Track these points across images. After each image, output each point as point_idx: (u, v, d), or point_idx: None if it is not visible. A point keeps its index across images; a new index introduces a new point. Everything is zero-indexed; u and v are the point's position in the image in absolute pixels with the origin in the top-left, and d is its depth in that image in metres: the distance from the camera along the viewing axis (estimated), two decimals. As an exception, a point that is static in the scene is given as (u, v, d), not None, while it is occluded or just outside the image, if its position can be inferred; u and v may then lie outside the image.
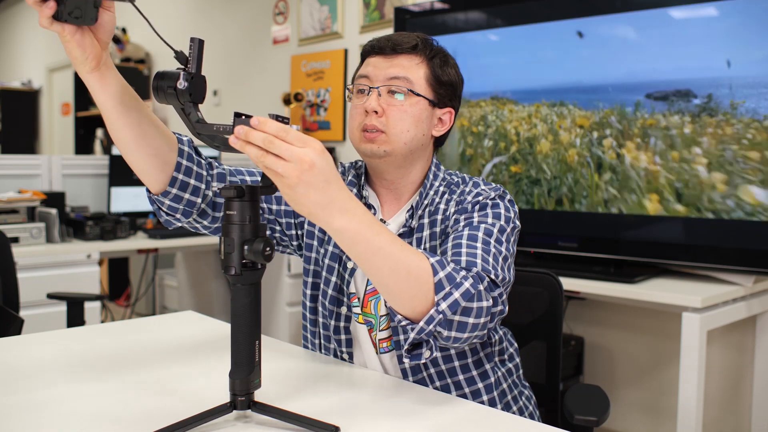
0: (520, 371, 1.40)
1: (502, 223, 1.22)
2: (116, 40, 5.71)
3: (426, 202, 1.30)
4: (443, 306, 1.03)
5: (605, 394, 1.33)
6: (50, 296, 2.36)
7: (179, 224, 1.27)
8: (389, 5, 3.60)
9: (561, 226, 2.57)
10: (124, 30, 5.79)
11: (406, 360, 1.10)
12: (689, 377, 2.07)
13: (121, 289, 5.30)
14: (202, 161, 1.24)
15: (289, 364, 1.31)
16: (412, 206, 1.30)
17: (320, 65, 4.07)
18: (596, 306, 2.89)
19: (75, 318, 2.28)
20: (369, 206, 1.33)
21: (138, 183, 3.50)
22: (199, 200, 1.23)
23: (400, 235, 1.28)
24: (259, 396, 1.01)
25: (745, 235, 2.17)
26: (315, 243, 1.35)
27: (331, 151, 3.85)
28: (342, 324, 1.31)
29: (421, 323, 1.03)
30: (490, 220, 1.21)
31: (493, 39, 2.78)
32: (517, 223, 1.26)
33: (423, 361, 1.10)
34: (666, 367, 2.72)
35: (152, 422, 0.97)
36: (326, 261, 1.32)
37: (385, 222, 1.32)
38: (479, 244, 1.15)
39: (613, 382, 2.87)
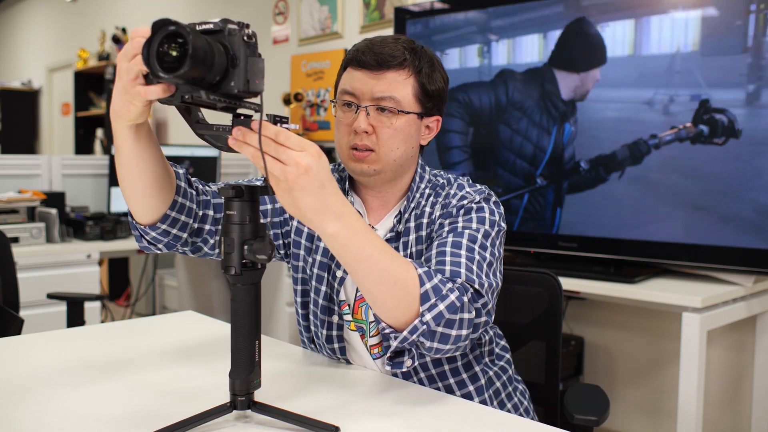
0: (512, 367, 1.40)
1: (487, 227, 1.21)
2: (116, 40, 5.71)
3: (412, 205, 1.30)
4: (427, 317, 1.03)
5: (605, 394, 1.33)
6: (50, 296, 2.36)
7: (158, 252, 1.25)
8: (389, 5, 3.60)
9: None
10: (124, 30, 5.79)
11: (387, 368, 1.10)
12: (689, 377, 2.07)
13: (121, 289, 5.30)
14: (194, 193, 1.21)
15: (289, 364, 1.31)
16: (400, 211, 1.29)
17: (320, 65, 4.07)
18: (596, 306, 2.89)
19: (75, 318, 2.28)
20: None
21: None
22: (185, 235, 1.20)
23: (387, 240, 1.28)
24: (259, 396, 1.01)
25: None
26: (302, 252, 1.33)
27: (330, 152, 3.85)
28: (334, 333, 1.30)
29: (405, 332, 1.04)
30: (474, 225, 1.20)
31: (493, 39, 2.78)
32: (503, 225, 1.25)
33: (404, 369, 1.10)
34: (666, 367, 2.72)
35: (152, 422, 0.97)
36: (315, 270, 1.31)
37: (373, 228, 1.31)
38: (463, 252, 1.14)
39: (613, 382, 2.87)
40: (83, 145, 6.50)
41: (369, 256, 1.00)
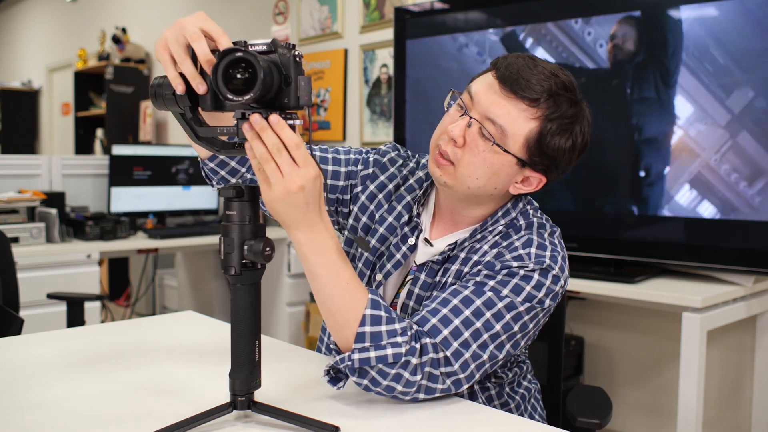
0: (533, 393, 1.32)
1: (518, 299, 1.08)
2: (116, 40, 5.71)
3: (477, 237, 1.20)
4: (355, 357, 1.02)
5: (608, 397, 1.33)
6: (50, 296, 2.36)
7: (213, 187, 1.28)
8: (389, 5, 3.60)
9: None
10: (124, 30, 5.79)
11: (324, 378, 1.06)
12: (689, 377, 2.07)
13: (121, 289, 5.30)
14: None
15: (289, 364, 1.31)
16: (461, 239, 1.20)
17: (320, 65, 4.07)
18: (596, 306, 2.89)
19: (75, 318, 2.28)
20: (416, 224, 1.23)
21: (138, 183, 3.51)
22: (234, 180, 1.25)
23: (435, 260, 1.20)
24: (259, 396, 1.01)
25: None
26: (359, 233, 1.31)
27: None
28: None
29: (337, 357, 1.04)
30: (504, 292, 1.08)
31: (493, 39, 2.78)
32: (546, 302, 1.11)
33: (337, 388, 1.06)
34: (666, 367, 2.72)
35: (152, 422, 0.97)
36: (359, 264, 1.29)
37: (429, 242, 1.23)
38: (467, 312, 1.06)
39: (613, 383, 2.87)
40: (83, 145, 6.50)
41: (322, 275, 1.02)
